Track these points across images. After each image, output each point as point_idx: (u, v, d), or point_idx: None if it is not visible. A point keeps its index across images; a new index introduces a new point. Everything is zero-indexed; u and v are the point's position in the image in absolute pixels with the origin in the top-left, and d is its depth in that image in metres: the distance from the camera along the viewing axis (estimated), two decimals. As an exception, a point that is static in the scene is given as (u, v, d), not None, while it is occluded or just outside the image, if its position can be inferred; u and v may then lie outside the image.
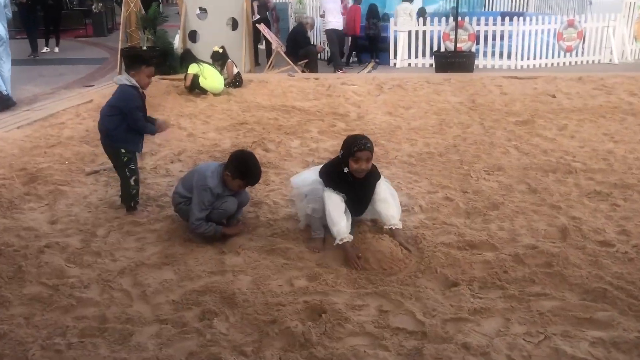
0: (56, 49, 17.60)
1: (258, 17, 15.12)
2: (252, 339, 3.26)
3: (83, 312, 3.55)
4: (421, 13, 16.80)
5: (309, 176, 4.60)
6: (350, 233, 4.23)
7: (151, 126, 5.06)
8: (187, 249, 4.35)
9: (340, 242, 4.17)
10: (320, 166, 4.55)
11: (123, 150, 5.01)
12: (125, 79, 4.98)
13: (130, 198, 5.12)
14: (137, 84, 4.95)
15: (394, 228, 4.38)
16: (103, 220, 4.95)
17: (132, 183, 5.10)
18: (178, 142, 7.28)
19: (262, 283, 3.85)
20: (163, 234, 4.63)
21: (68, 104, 9.59)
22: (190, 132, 7.79)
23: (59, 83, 12.47)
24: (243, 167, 4.42)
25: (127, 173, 5.07)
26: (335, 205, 4.22)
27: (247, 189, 4.79)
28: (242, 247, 4.35)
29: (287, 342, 3.21)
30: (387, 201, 4.43)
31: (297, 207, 4.73)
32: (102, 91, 10.63)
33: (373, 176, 4.39)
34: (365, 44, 15.92)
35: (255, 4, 15.70)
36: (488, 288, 3.78)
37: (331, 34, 14.65)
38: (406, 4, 15.68)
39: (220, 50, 10.89)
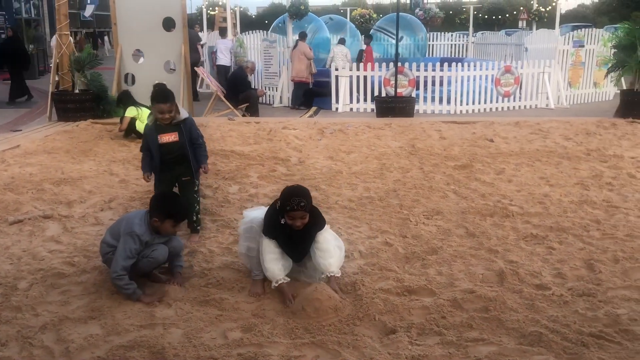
0: None
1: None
2: (180, 396, 3.10)
3: (-1, 372, 3.33)
4: (359, 57, 17.17)
5: (259, 214, 4.49)
6: (288, 275, 4.28)
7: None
8: (114, 302, 4.14)
9: (277, 285, 4.21)
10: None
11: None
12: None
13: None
14: None
15: (329, 275, 4.26)
16: (25, 272, 4.67)
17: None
18: (109, 188, 7.04)
19: (194, 336, 3.69)
20: (90, 286, 4.40)
21: (-8, 149, 9.15)
22: (122, 178, 7.55)
23: (-16, 127, 12.06)
24: (167, 207, 4.29)
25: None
26: (269, 251, 4.25)
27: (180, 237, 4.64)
28: (174, 299, 4.18)
29: (218, 399, 3.06)
30: (328, 251, 4.29)
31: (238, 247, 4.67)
32: (30, 136, 10.29)
33: (315, 227, 4.29)
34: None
35: (199, 46, 16.01)
36: (426, 334, 3.73)
37: (221, 69, 16.99)
38: (341, 46, 15.91)
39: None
